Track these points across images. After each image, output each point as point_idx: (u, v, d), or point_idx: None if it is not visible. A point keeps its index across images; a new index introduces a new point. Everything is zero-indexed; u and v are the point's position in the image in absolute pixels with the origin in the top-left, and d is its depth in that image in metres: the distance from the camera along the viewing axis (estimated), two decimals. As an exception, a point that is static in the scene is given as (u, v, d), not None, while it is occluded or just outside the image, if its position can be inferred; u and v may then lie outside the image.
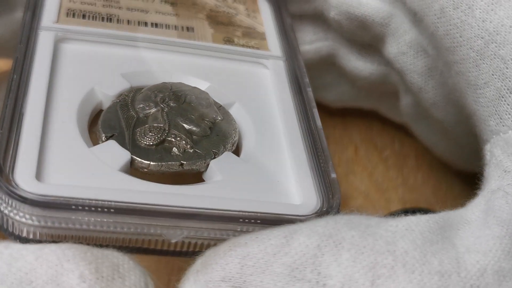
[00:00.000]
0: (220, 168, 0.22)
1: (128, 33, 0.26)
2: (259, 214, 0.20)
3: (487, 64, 0.23)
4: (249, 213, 0.20)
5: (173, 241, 0.20)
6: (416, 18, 0.27)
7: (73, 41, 0.25)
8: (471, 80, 0.24)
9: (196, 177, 0.22)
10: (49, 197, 0.19)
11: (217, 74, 0.25)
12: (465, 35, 0.23)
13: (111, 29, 0.25)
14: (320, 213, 0.21)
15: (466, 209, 0.21)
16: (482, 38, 0.23)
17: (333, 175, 0.22)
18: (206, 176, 0.22)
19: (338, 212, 0.21)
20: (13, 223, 0.19)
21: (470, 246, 0.19)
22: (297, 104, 0.25)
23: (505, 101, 0.23)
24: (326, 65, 0.33)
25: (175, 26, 0.27)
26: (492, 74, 0.23)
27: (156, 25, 0.26)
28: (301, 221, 0.20)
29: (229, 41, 0.27)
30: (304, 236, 0.19)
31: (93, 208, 0.19)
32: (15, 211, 0.19)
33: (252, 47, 0.27)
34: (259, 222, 0.20)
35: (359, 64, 0.31)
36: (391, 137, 0.36)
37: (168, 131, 0.22)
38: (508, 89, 0.23)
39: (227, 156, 0.22)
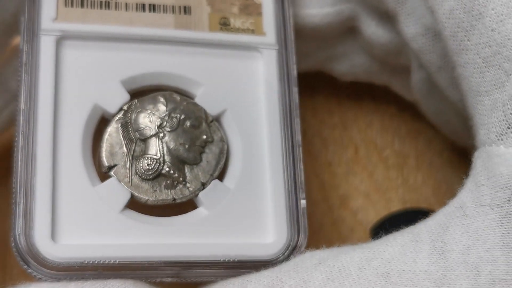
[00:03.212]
0: (207, 199, 0.26)
1: (124, 28, 0.26)
2: (236, 260, 0.24)
3: (491, 73, 0.23)
4: (227, 261, 0.24)
5: (167, 281, 0.24)
6: (431, 9, 0.26)
7: (73, 43, 0.26)
8: (472, 85, 0.24)
9: (188, 203, 0.26)
10: (64, 261, 0.23)
11: (212, 73, 0.27)
12: (473, 40, 0.23)
13: (109, 21, 0.26)
14: (288, 253, 0.25)
15: (425, 223, 0.23)
16: (490, 46, 0.23)
17: (303, 205, 0.26)
18: (196, 201, 0.26)
19: (305, 243, 0.25)
20: (33, 278, 0.23)
21: (404, 276, 0.21)
22: (283, 110, 0.27)
23: (495, 113, 0.23)
24: (344, 32, 0.32)
25: (173, 7, 0.27)
26: (494, 85, 0.23)
27: (154, 8, 0.27)
28: (271, 263, 0.25)
29: (225, 24, 0.27)
30: None
31: (100, 269, 0.23)
32: (35, 273, 0.23)
33: (248, 29, 0.27)
34: (235, 266, 0.24)
35: (378, 30, 0.30)
36: (391, 137, 0.36)
37: (163, 164, 0.25)
38: (501, 102, 0.23)
39: (214, 186, 0.26)
